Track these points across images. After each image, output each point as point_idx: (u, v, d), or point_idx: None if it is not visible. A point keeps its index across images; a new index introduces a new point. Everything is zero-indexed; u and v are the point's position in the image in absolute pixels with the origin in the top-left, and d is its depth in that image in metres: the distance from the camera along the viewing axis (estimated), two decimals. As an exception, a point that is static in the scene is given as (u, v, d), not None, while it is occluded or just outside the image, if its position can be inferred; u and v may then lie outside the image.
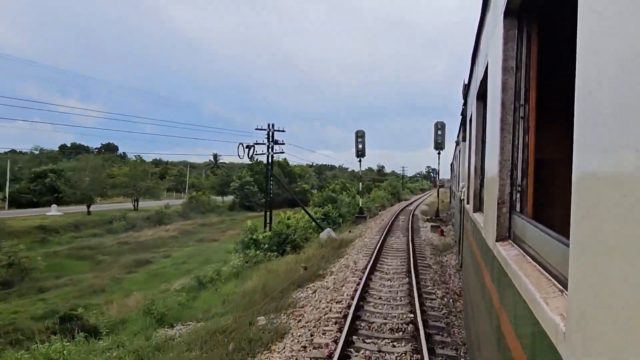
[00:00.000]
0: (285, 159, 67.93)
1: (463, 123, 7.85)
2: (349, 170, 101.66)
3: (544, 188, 2.96)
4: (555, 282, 1.30)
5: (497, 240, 2.22)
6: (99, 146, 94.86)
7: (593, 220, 0.82)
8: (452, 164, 21.74)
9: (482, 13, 3.26)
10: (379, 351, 6.16)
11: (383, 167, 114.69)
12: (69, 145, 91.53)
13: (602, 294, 0.75)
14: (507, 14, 2.07)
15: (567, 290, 1.00)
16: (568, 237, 0.97)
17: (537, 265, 1.55)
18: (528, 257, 1.71)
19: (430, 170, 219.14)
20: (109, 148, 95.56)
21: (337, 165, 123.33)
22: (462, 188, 7.60)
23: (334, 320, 7.45)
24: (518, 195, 2.10)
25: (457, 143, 11.81)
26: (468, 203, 5.54)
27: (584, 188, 0.88)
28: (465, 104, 6.91)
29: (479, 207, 4.20)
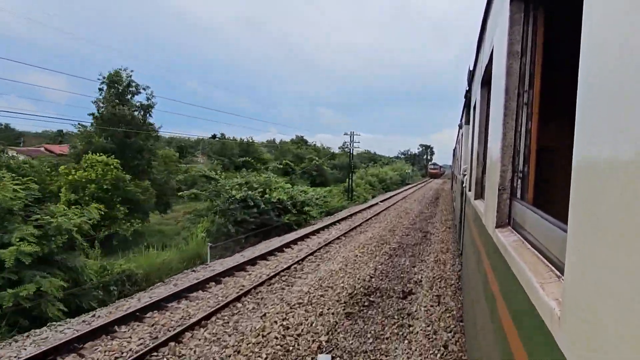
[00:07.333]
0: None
1: (466, 105, 7.83)
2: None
3: (545, 175, 2.95)
4: (553, 268, 1.31)
5: (497, 227, 2.23)
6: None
7: (591, 208, 0.82)
8: (454, 149, 21.58)
9: None
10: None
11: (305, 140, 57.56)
12: None
13: (598, 279, 0.76)
14: None
15: (563, 276, 1.01)
16: (567, 224, 0.98)
17: (536, 251, 1.56)
18: (527, 243, 1.72)
19: (424, 150, 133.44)
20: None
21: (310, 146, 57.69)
22: (464, 172, 7.59)
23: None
24: (519, 181, 2.10)
25: (460, 126, 11.71)
26: (470, 190, 5.54)
27: (583, 175, 0.88)
28: (469, 90, 6.85)
29: (480, 194, 4.21)
